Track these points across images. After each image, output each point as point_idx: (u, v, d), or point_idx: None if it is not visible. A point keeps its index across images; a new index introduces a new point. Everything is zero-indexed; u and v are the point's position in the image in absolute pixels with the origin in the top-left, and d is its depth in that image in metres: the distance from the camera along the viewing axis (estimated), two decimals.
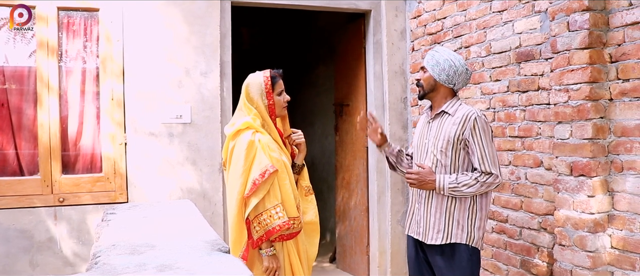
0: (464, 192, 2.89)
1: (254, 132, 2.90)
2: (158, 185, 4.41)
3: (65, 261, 4.19)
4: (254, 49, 8.88)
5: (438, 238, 2.97)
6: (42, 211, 4.15)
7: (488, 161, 2.89)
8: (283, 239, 2.92)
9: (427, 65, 3.04)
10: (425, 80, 3.06)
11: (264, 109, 2.98)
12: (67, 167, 4.29)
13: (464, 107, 3.00)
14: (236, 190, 2.85)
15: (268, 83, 2.98)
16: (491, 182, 2.90)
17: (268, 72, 3.03)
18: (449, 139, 2.94)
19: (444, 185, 2.91)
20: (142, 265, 1.49)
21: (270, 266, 2.85)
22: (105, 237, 1.91)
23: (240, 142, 2.88)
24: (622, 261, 2.97)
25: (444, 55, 3.00)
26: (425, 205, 3.04)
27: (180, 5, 4.47)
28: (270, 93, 2.98)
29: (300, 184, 3.19)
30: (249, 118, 2.94)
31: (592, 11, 3.02)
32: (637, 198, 2.90)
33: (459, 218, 2.95)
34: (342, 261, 5.82)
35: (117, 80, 4.32)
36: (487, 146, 2.90)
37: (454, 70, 2.97)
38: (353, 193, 5.54)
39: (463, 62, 3.01)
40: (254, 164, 2.84)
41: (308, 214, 3.16)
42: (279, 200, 2.87)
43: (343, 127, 5.77)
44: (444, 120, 3.01)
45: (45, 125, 4.17)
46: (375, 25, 5.14)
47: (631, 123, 2.91)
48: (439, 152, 2.98)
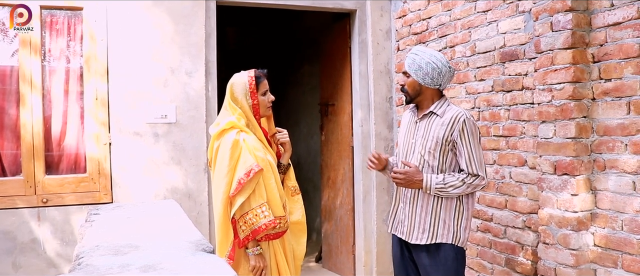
0: (451, 193, 2.90)
1: (239, 131, 2.90)
2: (143, 185, 4.39)
3: (49, 262, 4.15)
4: (239, 48, 8.86)
5: (423, 238, 2.98)
6: (25, 212, 4.11)
7: (475, 163, 2.90)
8: (269, 238, 2.92)
9: (410, 70, 3.01)
10: (409, 86, 3.03)
11: (249, 109, 2.98)
12: (51, 167, 4.25)
13: (452, 108, 3.00)
14: (221, 190, 2.85)
15: (252, 83, 2.98)
16: (477, 183, 2.91)
17: (253, 71, 3.03)
18: (438, 140, 2.94)
19: (431, 185, 2.91)
20: (126, 266, 1.49)
21: (257, 265, 2.84)
22: (89, 238, 1.89)
23: (224, 141, 2.88)
24: (604, 258, 3.00)
25: (425, 57, 2.97)
26: (411, 204, 3.04)
27: (165, 4, 4.45)
28: (255, 93, 2.98)
29: (287, 184, 3.19)
30: (233, 118, 2.94)
31: (575, 12, 3.05)
32: (619, 196, 2.93)
33: (445, 217, 2.96)
34: (328, 260, 5.82)
35: (101, 79, 4.29)
36: (475, 148, 2.91)
37: (437, 72, 2.96)
38: (339, 193, 5.54)
39: (445, 61, 2.99)
40: (239, 163, 2.84)
41: (295, 214, 3.16)
42: (265, 199, 2.87)
43: (328, 126, 5.77)
44: (433, 121, 3.00)
45: (28, 125, 4.13)
46: (361, 25, 5.15)
47: (613, 123, 2.94)
48: (427, 153, 2.97)
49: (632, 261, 2.84)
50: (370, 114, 5.12)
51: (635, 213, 2.83)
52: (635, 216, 2.83)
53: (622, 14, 2.88)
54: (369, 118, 5.13)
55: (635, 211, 2.83)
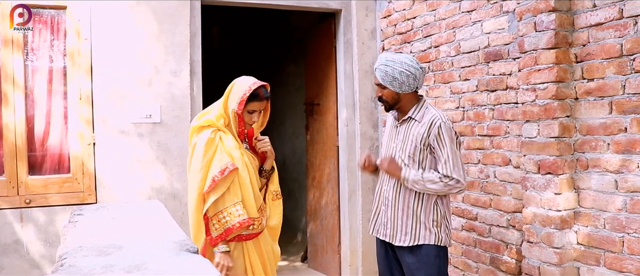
0: (427, 187, 2.93)
1: (215, 130, 2.90)
2: (128, 185, 4.36)
3: (32, 263, 4.11)
4: (224, 48, 8.83)
5: (406, 240, 3.02)
6: (8, 213, 4.07)
7: (451, 166, 2.93)
8: (242, 239, 2.91)
9: (384, 82, 3.00)
10: (387, 96, 3.05)
11: (233, 114, 2.94)
12: (34, 167, 4.21)
13: (430, 111, 3.03)
14: (195, 186, 2.85)
15: (246, 95, 2.91)
16: (453, 185, 2.94)
17: (256, 84, 2.95)
18: (416, 145, 2.98)
19: (409, 176, 2.95)
20: (110, 267, 1.47)
21: (222, 263, 2.82)
22: (72, 239, 1.88)
23: (200, 138, 2.89)
24: (587, 257, 3.03)
25: (397, 66, 2.96)
26: (392, 207, 3.07)
27: (149, 3, 4.42)
28: (243, 104, 2.91)
29: (269, 188, 3.16)
30: (212, 116, 2.94)
31: (558, 12, 3.08)
32: (601, 195, 2.96)
33: (425, 220, 3.00)
34: (314, 260, 5.82)
35: (85, 78, 4.26)
36: (451, 152, 2.94)
37: (412, 78, 2.97)
38: (324, 193, 5.54)
39: (416, 64, 3.00)
40: (214, 161, 2.84)
41: (273, 218, 3.14)
42: (239, 198, 2.87)
43: (314, 126, 5.77)
44: (411, 125, 3.04)
45: (11, 125, 4.09)
46: (346, 25, 5.15)
47: (596, 122, 2.97)
48: (407, 157, 3.01)
49: (614, 259, 2.87)
50: (356, 114, 5.13)
51: (617, 212, 2.86)
52: (617, 215, 2.86)
53: (604, 14, 2.91)
54: (355, 118, 5.14)
55: (617, 209, 2.86)
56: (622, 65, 2.82)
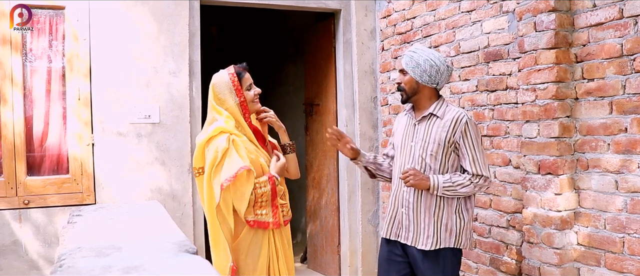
0: (458, 192, 2.86)
1: (229, 136, 2.78)
2: (126, 186, 4.35)
3: (30, 264, 4.10)
4: (223, 48, 8.82)
5: (428, 243, 2.91)
6: (6, 213, 4.06)
7: (479, 164, 2.88)
8: (277, 226, 2.88)
9: (407, 67, 2.95)
10: (406, 84, 2.97)
11: (236, 107, 2.87)
12: (33, 168, 4.20)
13: (452, 108, 2.96)
14: (212, 194, 2.77)
15: (235, 80, 2.88)
16: (482, 184, 2.89)
17: (232, 68, 2.93)
18: (440, 143, 2.89)
19: (438, 184, 2.85)
20: (108, 268, 1.47)
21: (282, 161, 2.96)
22: (71, 239, 1.87)
23: (212, 146, 2.77)
24: (588, 257, 3.02)
25: (423, 55, 2.92)
26: (414, 210, 2.95)
27: (148, 4, 4.41)
28: (240, 89, 2.87)
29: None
30: (221, 123, 2.82)
31: (558, 12, 3.07)
32: (601, 195, 2.95)
33: (447, 222, 2.91)
34: (313, 260, 5.81)
35: (84, 79, 4.25)
36: (478, 149, 2.89)
37: (435, 70, 2.91)
38: (323, 193, 5.54)
39: (443, 59, 2.95)
40: (225, 165, 2.73)
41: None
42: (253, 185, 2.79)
43: (313, 126, 5.77)
44: (433, 123, 2.94)
45: (10, 125, 4.08)
46: (345, 25, 5.15)
47: (596, 122, 2.97)
48: (428, 156, 2.92)
49: (614, 259, 2.87)
50: (355, 114, 5.12)
51: (617, 212, 2.86)
52: (618, 215, 2.85)
53: (604, 14, 2.90)
54: (354, 118, 5.13)
55: (618, 210, 2.85)
56: (622, 65, 2.82)
